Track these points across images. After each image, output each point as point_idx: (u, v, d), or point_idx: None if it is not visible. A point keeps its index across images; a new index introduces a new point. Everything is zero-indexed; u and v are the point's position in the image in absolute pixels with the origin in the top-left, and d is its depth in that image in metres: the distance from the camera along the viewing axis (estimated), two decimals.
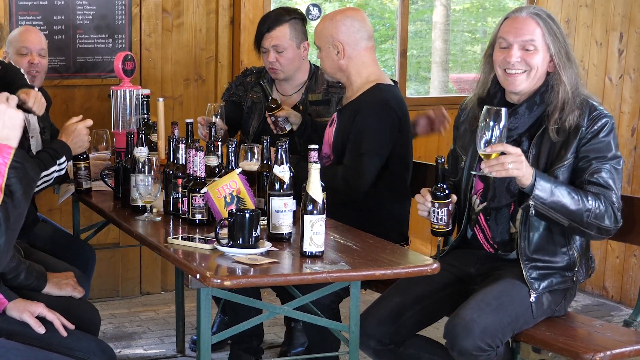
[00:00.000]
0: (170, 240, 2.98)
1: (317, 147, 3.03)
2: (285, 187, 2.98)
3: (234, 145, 3.28)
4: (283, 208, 2.97)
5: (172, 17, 5.20)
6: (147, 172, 3.27)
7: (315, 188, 2.79)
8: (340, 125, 3.82)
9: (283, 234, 2.98)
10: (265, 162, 3.24)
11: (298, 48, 4.23)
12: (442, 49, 8.19)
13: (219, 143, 3.35)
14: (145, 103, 4.13)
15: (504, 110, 2.87)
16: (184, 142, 3.38)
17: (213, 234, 2.91)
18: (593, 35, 5.53)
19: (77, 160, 3.76)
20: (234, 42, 5.31)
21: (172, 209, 3.34)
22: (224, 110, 4.15)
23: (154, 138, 3.97)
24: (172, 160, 3.43)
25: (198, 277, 2.61)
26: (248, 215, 2.80)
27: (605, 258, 5.44)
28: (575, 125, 3.04)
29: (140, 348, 4.57)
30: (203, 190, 3.10)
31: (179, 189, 3.27)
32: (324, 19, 3.90)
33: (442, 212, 3.09)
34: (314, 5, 5.27)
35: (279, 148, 3.01)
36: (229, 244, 2.82)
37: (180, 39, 5.24)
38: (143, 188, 3.29)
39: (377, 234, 3.20)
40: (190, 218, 3.19)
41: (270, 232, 2.99)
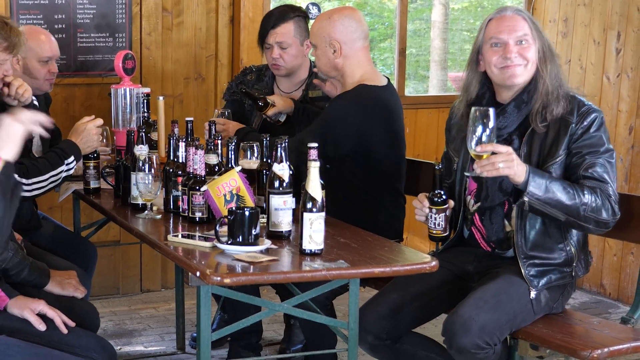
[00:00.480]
0: (171, 238, 2.99)
1: (316, 145, 3.05)
2: (285, 185, 2.99)
3: (234, 144, 3.30)
4: (282, 206, 2.98)
5: (172, 15, 5.21)
6: (147, 170, 3.28)
7: (315, 186, 2.80)
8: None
9: (282, 232, 2.99)
10: (265, 160, 3.26)
11: (301, 45, 4.25)
12: (440, 48, 8.20)
13: (219, 142, 3.37)
14: (146, 101, 4.15)
15: (492, 110, 2.89)
16: (184, 140, 3.39)
17: (213, 232, 2.91)
18: (591, 34, 5.54)
19: (86, 159, 3.76)
20: (234, 40, 5.32)
21: (172, 207, 3.35)
22: (231, 116, 4.18)
23: (154, 136, 3.98)
24: (172, 159, 3.44)
25: (198, 274, 2.62)
26: (248, 213, 2.80)
27: (603, 256, 5.45)
28: (562, 118, 3.06)
29: (141, 345, 4.58)
30: (203, 188, 3.11)
31: (179, 187, 3.28)
32: (321, 18, 3.92)
33: (439, 217, 3.10)
34: (314, 4, 5.28)
35: (279, 146, 3.03)
36: (229, 242, 2.82)
37: (181, 38, 5.25)
38: (143, 186, 3.30)
39: (371, 231, 3.21)
40: (190, 216, 3.20)
41: (270, 229, 3.00)
